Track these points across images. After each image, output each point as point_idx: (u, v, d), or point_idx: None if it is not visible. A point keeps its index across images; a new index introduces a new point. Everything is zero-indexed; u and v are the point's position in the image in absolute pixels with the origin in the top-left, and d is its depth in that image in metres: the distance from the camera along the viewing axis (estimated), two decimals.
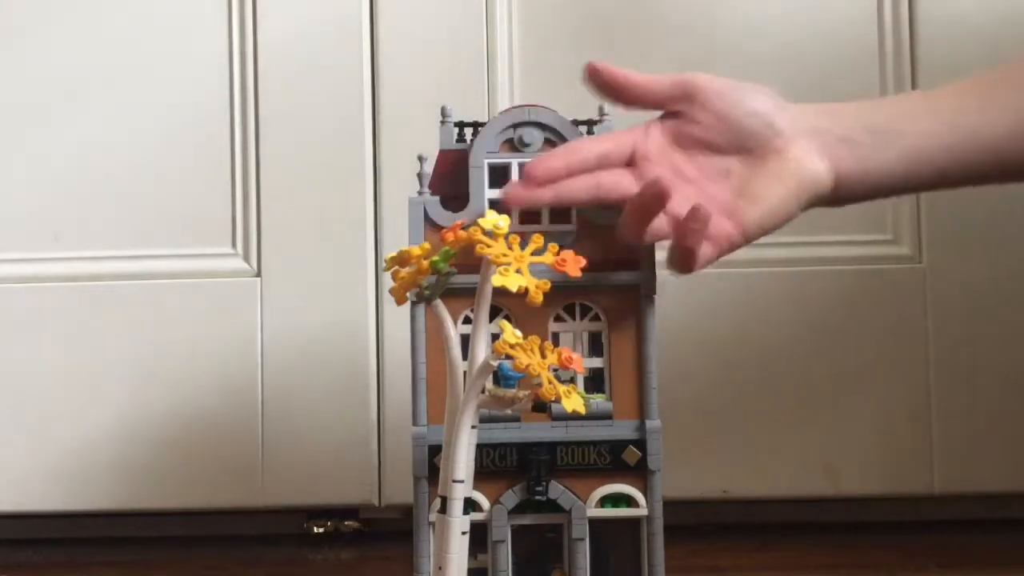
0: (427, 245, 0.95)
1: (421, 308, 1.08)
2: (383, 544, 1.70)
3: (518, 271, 0.90)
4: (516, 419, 1.07)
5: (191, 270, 1.70)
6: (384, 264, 0.95)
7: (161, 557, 1.67)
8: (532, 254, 0.92)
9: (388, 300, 1.64)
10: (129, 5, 1.72)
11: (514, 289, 0.88)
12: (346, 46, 1.72)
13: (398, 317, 1.66)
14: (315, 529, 1.73)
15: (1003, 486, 1.66)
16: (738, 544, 1.61)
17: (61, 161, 1.71)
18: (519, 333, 0.91)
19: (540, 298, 0.90)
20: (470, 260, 0.93)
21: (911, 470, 1.67)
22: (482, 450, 1.06)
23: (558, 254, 0.94)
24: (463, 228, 0.93)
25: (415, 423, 1.08)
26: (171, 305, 1.70)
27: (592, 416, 1.07)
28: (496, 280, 0.89)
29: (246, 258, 1.71)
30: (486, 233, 0.92)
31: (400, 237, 1.65)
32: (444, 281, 0.93)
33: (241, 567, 1.59)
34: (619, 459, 1.09)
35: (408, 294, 0.97)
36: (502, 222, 0.92)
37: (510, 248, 0.92)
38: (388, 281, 1.65)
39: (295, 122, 1.71)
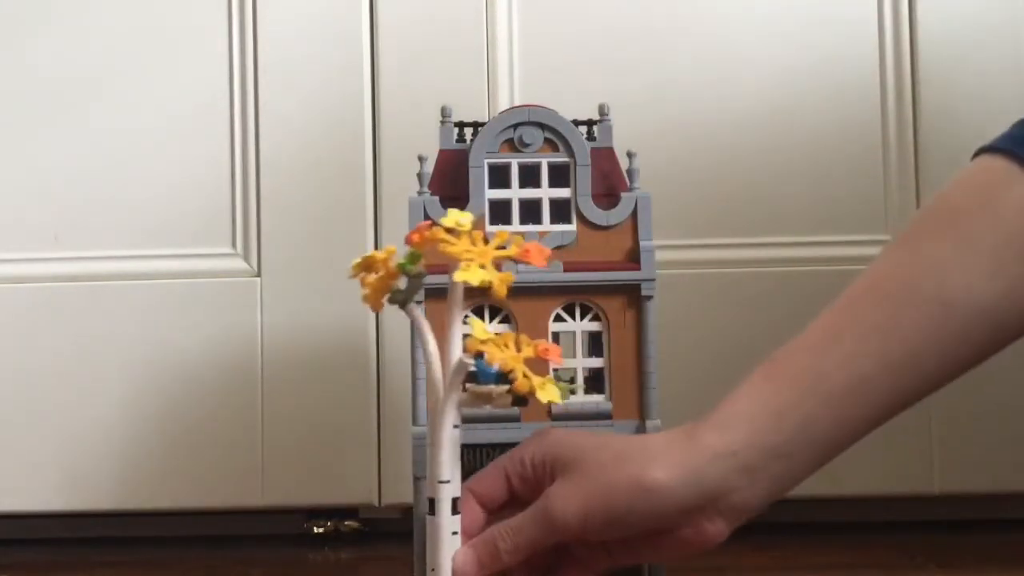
0: (392, 248, 0.93)
1: (420, 309, 1.08)
2: (383, 544, 1.70)
3: (482, 266, 0.88)
4: (516, 419, 1.07)
5: (191, 270, 1.70)
6: (349, 272, 0.93)
7: (161, 557, 1.67)
8: (496, 248, 0.91)
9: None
10: (129, 5, 1.72)
11: (476, 283, 0.86)
12: (346, 46, 1.72)
13: (398, 317, 1.65)
14: (315, 529, 1.73)
15: (1003, 486, 1.66)
16: (738, 544, 1.61)
17: (61, 161, 1.71)
18: (490, 329, 0.90)
19: (504, 291, 0.87)
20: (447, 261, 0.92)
21: (911, 470, 1.67)
22: (482, 451, 1.06)
23: (522, 246, 0.92)
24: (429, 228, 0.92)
25: (415, 423, 1.08)
26: (171, 305, 1.69)
27: (592, 416, 1.08)
28: (458, 276, 0.87)
29: (246, 258, 1.71)
30: (449, 231, 0.90)
31: (400, 237, 1.66)
32: (417, 283, 0.91)
33: (241, 567, 1.59)
34: None
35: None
36: (464, 219, 0.90)
37: (473, 244, 0.90)
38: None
39: (295, 122, 1.71)
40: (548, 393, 0.88)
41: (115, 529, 1.75)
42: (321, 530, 1.73)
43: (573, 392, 1.03)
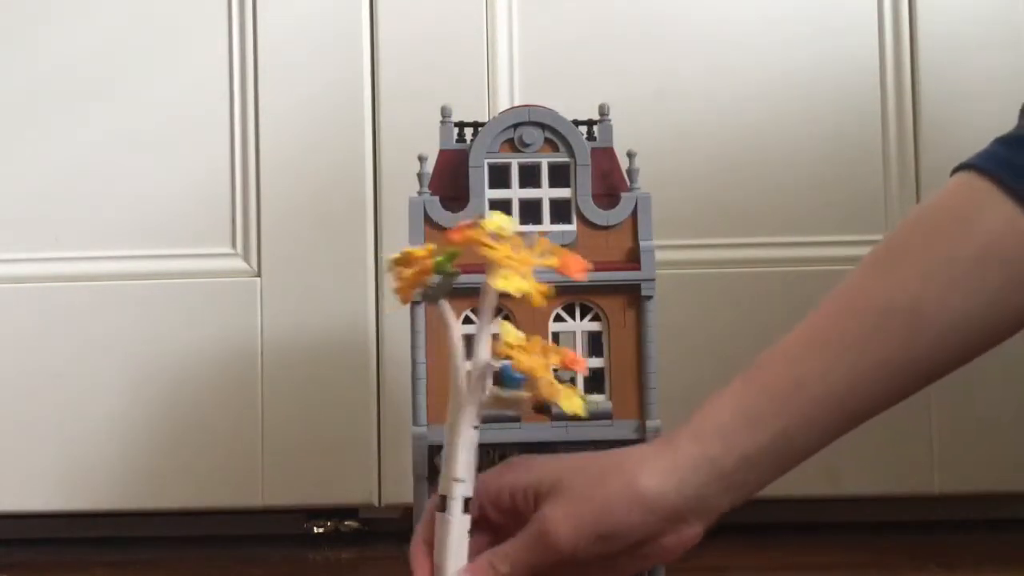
0: (431, 246, 0.93)
1: (421, 308, 1.08)
2: (383, 544, 1.69)
3: (521, 274, 0.89)
4: (516, 419, 1.07)
5: (191, 270, 1.70)
6: (386, 265, 0.93)
7: (161, 557, 1.67)
8: (537, 257, 0.90)
9: (388, 299, 1.64)
10: (129, 5, 1.72)
11: (517, 294, 0.87)
12: (346, 46, 1.71)
13: (398, 317, 1.66)
14: (315, 529, 1.72)
15: (1003, 486, 1.66)
16: (738, 544, 1.61)
17: (61, 161, 1.71)
18: (521, 334, 0.90)
19: (542, 302, 0.88)
20: (471, 260, 0.92)
21: (911, 470, 1.67)
22: (484, 450, 1.05)
23: (562, 257, 0.92)
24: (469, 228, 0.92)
25: (415, 423, 1.08)
26: (171, 305, 1.69)
27: (592, 416, 1.08)
28: (498, 284, 0.87)
29: (246, 258, 1.71)
30: (490, 235, 0.89)
31: (400, 237, 1.65)
32: (449, 282, 0.91)
33: (241, 567, 1.59)
34: None
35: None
36: (507, 224, 0.90)
37: (514, 251, 0.89)
38: (387, 280, 1.65)
39: (295, 122, 1.71)
40: (572, 404, 0.88)
41: (115, 529, 1.75)
42: (321, 530, 1.72)
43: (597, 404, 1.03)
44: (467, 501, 0.91)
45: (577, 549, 0.90)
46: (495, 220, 0.90)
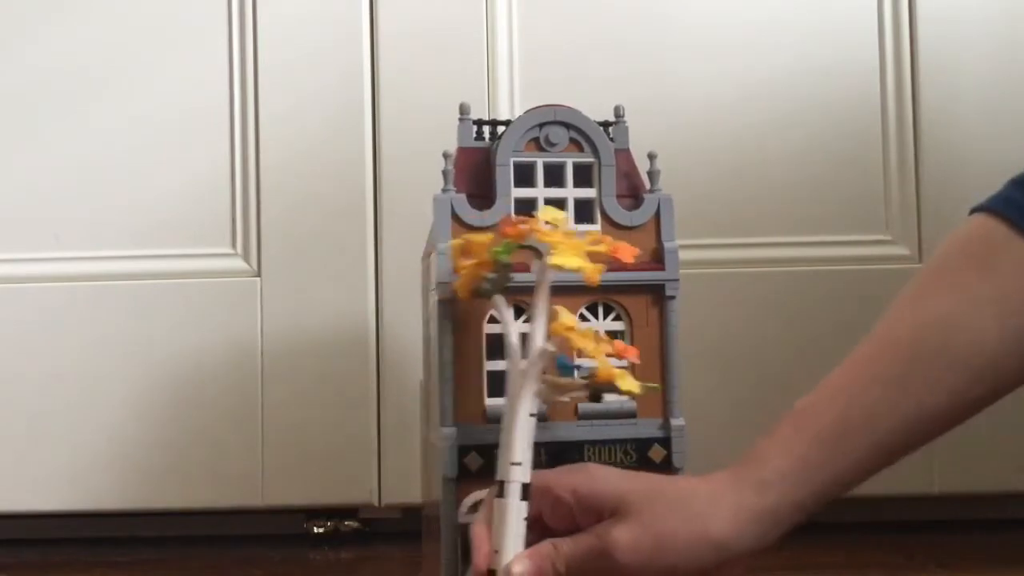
0: (490, 235, 0.97)
1: (450, 306, 1.07)
2: (383, 544, 1.70)
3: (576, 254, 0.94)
4: (544, 419, 1.07)
5: (191, 270, 1.70)
6: (450, 252, 0.98)
7: (161, 557, 1.67)
8: (590, 244, 0.97)
9: (388, 299, 1.65)
10: (129, 5, 1.72)
11: (572, 268, 0.93)
12: (346, 46, 1.71)
13: (398, 317, 1.66)
14: (315, 529, 1.73)
15: (1003, 486, 1.67)
16: None
17: (61, 161, 1.71)
18: (576, 319, 0.95)
19: (597, 278, 0.94)
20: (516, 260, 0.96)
21: (911, 470, 1.66)
22: None
23: (611, 244, 0.98)
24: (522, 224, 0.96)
25: (443, 423, 1.07)
26: (171, 305, 1.69)
27: (617, 415, 1.08)
28: (555, 260, 0.92)
29: (246, 258, 1.70)
30: (545, 224, 0.96)
31: (400, 236, 1.66)
32: (505, 276, 0.96)
33: (241, 567, 1.59)
34: (645, 457, 1.10)
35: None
36: (560, 215, 0.97)
37: (567, 238, 0.95)
38: (387, 280, 1.65)
39: (295, 122, 1.71)
40: (628, 383, 0.94)
41: (115, 529, 1.75)
42: (321, 530, 1.72)
43: (652, 388, 1.04)
44: (525, 487, 0.93)
45: (634, 573, 0.94)
46: (549, 212, 0.97)
